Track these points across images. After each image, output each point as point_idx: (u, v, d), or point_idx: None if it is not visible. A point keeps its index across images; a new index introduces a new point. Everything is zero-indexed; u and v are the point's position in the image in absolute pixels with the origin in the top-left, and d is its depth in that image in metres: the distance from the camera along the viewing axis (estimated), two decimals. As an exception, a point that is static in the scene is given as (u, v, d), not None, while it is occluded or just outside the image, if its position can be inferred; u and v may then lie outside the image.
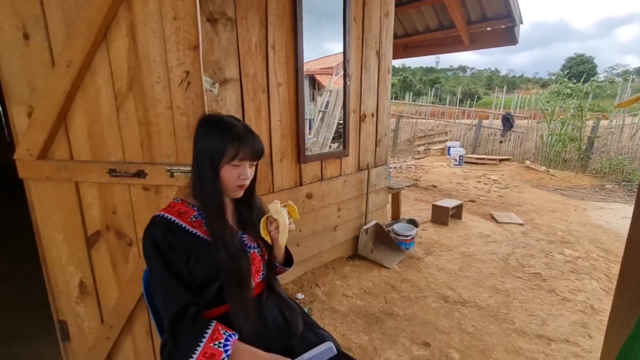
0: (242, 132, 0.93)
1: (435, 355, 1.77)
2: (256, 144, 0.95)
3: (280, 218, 0.99)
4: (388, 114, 3.10)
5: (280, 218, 0.99)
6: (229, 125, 0.93)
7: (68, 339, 1.50)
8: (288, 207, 1.04)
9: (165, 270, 0.89)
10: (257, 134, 0.98)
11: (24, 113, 1.25)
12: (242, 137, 0.92)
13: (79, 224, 1.34)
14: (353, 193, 2.80)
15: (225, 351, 0.86)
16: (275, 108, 2.12)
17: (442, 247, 3.11)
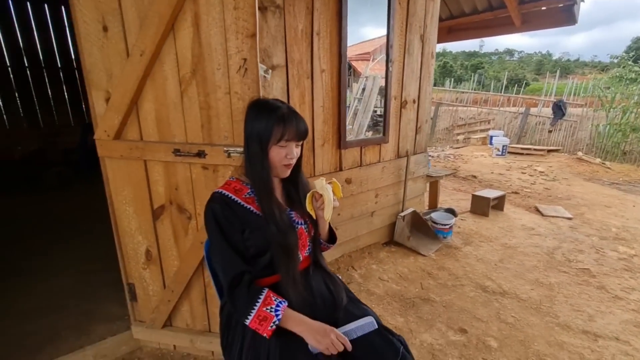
0: (287, 114, 0.99)
1: (472, 341, 1.79)
2: (300, 125, 1.01)
3: (325, 193, 1.04)
4: (430, 100, 3.03)
5: (325, 193, 1.04)
6: (274, 108, 0.99)
7: (135, 300, 1.70)
8: (332, 184, 1.08)
9: (224, 240, 0.99)
10: (301, 115, 1.03)
11: (102, 98, 1.40)
12: (287, 119, 0.98)
13: (147, 198, 1.50)
14: (391, 180, 2.80)
15: (276, 315, 0.96)
16: (318, 94, 2.17)
17: (482, 238, 3.04)
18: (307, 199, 1.07)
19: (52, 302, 2.11)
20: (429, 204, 3.68)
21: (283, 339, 0.98)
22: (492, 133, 8.46)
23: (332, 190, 1.08)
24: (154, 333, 1.70)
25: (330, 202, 1.04)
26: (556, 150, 7.75)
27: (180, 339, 1.69)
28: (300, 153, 1.08)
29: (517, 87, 16.50)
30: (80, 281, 2.34)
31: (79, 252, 2.73)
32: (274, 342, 0.97)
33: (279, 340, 0.98)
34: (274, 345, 0.97)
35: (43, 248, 2.80)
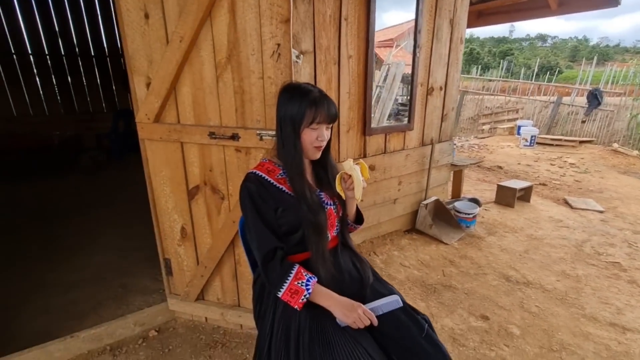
0: (319, 98, 1.02)
1: (494, 328, 1.80)
2: (331, 108, 1.04)
3: (354, 173, 1.07)
4: (457, 87, 2.97)
5: (354, 173, 1.07)
6: (306, 92, 1.02)
7: (171, 274, 1.82)
8: (360, 165, 1.12)
9: (258, 218, 1.05)
10: (332, 100, 1.06)
11: (143, 83, 1.48)
12: (318, 102, 1.01)
13: (183, 178, 1.59)
14: (415, 168, 2.80)
15: (307, 289, 1.01)
16: (344, 80, 2.18)
17: (506, 229, 2.99)
18: (337, 180, 1.11)
19: (93, 276, 2.29)
20: (452, 193, 3.64)
21: (313, 312, 1.04)
22: (520, 123, 8.14)
23: (360, 171, 1.11)
24: (188, 305, 1.82)
25: (359, 181, 1.07)
26: (589, 142, 7.38)
27: (211, 312, 1.80)
28: (329, 136, 1.12)
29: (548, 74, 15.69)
30: (117, 257, 2.51)
31: (114, 231, 2.91)
32: (304, 313, 1.03)
33: (309, 312, 1.04)
34: (304, 316, 1.03)
35: (83, 226, 3.01)
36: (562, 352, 1.64)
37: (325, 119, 1.04)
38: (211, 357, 1.65)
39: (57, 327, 1.80)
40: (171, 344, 1.73)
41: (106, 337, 1.74)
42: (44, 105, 5.80)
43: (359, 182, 1.07)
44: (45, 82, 5.72)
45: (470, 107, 10.62)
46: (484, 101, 10.56)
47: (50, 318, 1.88)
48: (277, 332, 1.04)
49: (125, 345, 1.73)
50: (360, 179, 1.08)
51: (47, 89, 5.76)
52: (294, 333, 1.01)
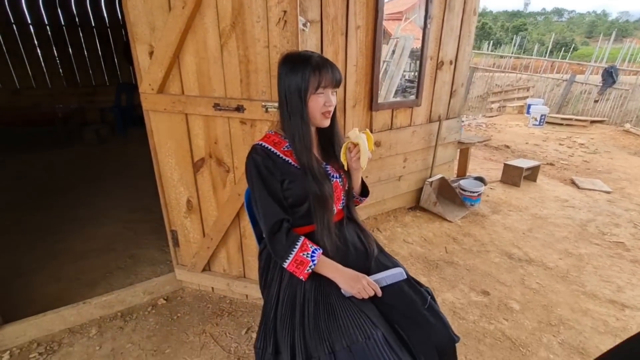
0: (321, 62, 0.99)
1: (494, 303, 1.84)
2: (335, 71, 1.01)
3: (360, 142, 1.06)
4: (468, 62, 2.87)
5: (360, 142, 1.06)
6: (307, 58, 0.99)
7: (178, 246, 1.86)
8: (365, 134, 1.09)
9: (264, 190, 1.05)
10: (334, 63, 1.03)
11: (146, 52, 1.44)
12: (321, 66, 0.98)
13: (188, 150, 1.58)
14: (421, 145, 2.76)
15: (312, 260, 1.03)
16: (352, 52, 2.11)
17: (511, 207, 2.99)
18: (342, 149, 1.09)
19: (102, 246, 2.34)
20: (458, 171, 3.61)
21: (317, 282, 1.06)
22: (530, 101, 7.94)
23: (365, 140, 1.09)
24: (195, 276, 1.87)
25: (365, 150, 1.05)
26: (601, 122, 7.21)
27: (217, 282, 1.85)
28: (336, 101, 1.09)
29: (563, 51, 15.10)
30: (124, 229, 2.55)
31: (121, 202, 2.95)
32: (309, 283, 1.05)
33: (314, 283, 1.06)
34: (309, 286, 1.05)
35: (90, 199, 3.05)
36: (560, 327, 1.68)
37: (331, 82, 1.01)
38: (218, 324, 1.71)
39: (69, 294, 1.86)
40: (179, 312, 1.79)
41: (117, 304, 1.80)
42: (47, 78, 5.73)
43: (365, 151, 1.06)
44: (46, 54, 5.62)
45: (480, 84, 10.34)
46: (494, 78, 10.25)
47: (62, 286, 1.94)
48: (283, 301, 1.07)
49: (136, 312, 1.79)
50: (366, 148, 1.06)
51: (49, 61, 5.67)
52: (300, 301, 1.04)
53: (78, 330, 1.67)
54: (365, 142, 1.06)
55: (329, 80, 1.00)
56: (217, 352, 1.55)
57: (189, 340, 1.62)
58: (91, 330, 1.67)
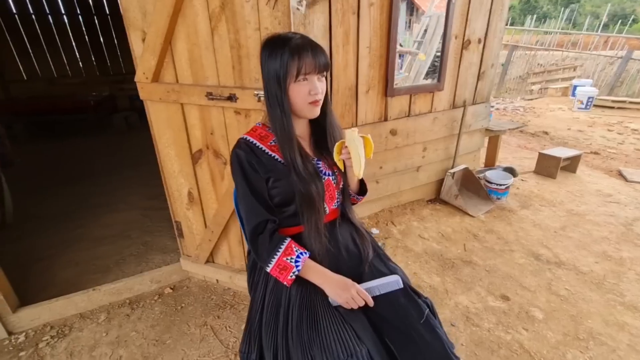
0: (301, 44, 0.87)
1: (513, 309, 1.67)
2: (318, 54, 0.89)
3: (353, 147, 0.92)
4: (500, 40, 2.58)
5: (353, 147, 0.92)
6: (285, 40, 0.87)
7: (182, 237, 1.85)
8: (364, 140, 0.96)
9: (247, 187, 0.96)
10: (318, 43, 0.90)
11: (139, 38, 1.39)
12: (301, 49, 0.86)
13: (185, 141, 1.54)
14: (443, 132, 2.55)
15: (296, 266, 0.94)
16: (364, 32, 1.94)
17: (543, 202, 2.72)
18: (335, 149, 0.98)
19: (118, 232, 2.41)
20: (486, 161, 3.34)
21: (304, 288, 0.98)
22: (576, 82, 7.19)
23: (363, 146, 0.95)
24: (199, 267, 1.86)
25: (358, 157, 0.92)
26: (660, 105, 6.40)
27: (221, 275, 1.83)
28: (325, 88, 0.96)
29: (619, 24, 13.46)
30: (141, 216, 2.61)
31: (141, 190, 3.02)
32: (294, 289, 0.98)
33: (299, 289, 0.98)
34: (294, 292, 0.97)
35: (112, 185, 3.16)
36: (590, 342, 1.49)
37: (314, 67, 0.88)
38: (219, 317, 1.70)
39: (84, 279, 1.93)
40: (184, 302, 1.80)
41: (125, 291, 1.84)
42: (81, 67, 5.98)
43: (358, 158, 0.92)
44: (79, 43, 5.83)
45: (520, 64, 9.52)
46: (537, 57, 9.39)
47: (78, 270, 2.02)
48: (268, 305, 1.00)
49: (143, 300, 1.82)
50: (360, 155, 0.92)
51: (82, 50, 5.89)
52: (284, 309, 0.97)
53: (88, 316, 1.73)
54: (360, 147, 0.92)
55: (311, 65, 0.88)
56: (216, 346, 1.54)
57: (190, 332, 1.62)
58: (100, 317, 1.72)
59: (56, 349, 1.54)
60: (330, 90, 1.99)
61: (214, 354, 1.50)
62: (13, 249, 2.21)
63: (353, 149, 0.92)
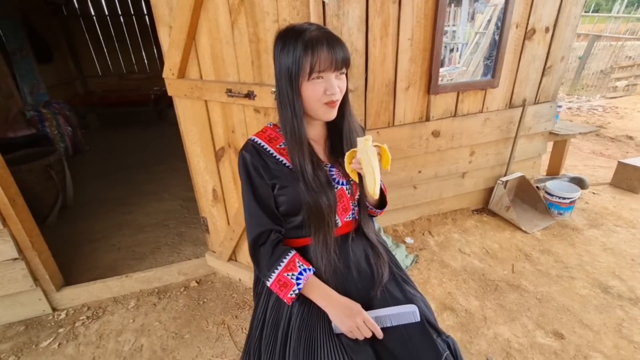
0: (316, 37, 0.76)
1: (568, 351, 1.40)
2: (336, 48, 0.77)
3: (365, 159, 0.78)
4: (573, 28, 2.19)
5: (365, 159, 0.78)
6: (299, 32, 0.77)
7: (208, 232, 1.86)
8: (381, 149, 0.82)
9: (251, 193, 0.89)
10: (337, 36, 0.78)
11: (167, 34, 1.38)
12: (315, 43, 0.75)
13: (209, 139, 1.52)
14: (495, 135, 2.25)
15: (297, 283, 0.86)
16: (406, 23, 1.75)
17: (619, 221, 2.29)
18: (346, 159, 0.85)
19: (159, 220, 2.53)
20: (549, 169, 2.92)
21: (306, 308, 0.89)
22: (676, 78, 6.03)
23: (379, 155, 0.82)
24: (222, 264, 1.86)
25: (372, 171, 0.78)
26: None
27: (242, 274, 1.81)
28: (345, 87, 0.85)
29: None
30: (180, 206, 2.72)
31: (184, 180, 3.14)
32: (296, 308, 0.89)
33: (301, 308, 0.89)
34: (295, 312, 0.89)
35: (160, 175, 3.35)
36: (671, 407, 1.19)
37: (330, 63, 0.77)
38: (237, 317, 1.68)
39: (122, 264, 2.05)
40: (207, 297, 1.81)
41: (155, 280, 1.92)
42: (145, 63, 6.49)
43: (372, 172, 0.78)
44: (145, 41, 6.32)
45: (602, 57, 8.25)
46: (625, 49, 8.07)
47: (119, 255, 2.15)
48: (268, 323, 0.93)
49: (170, 291, 1.87)
50: (374, 168, 0.78)
51: (147, 48, 6.38)
52: (283, 328, 0.89)
53: (120, 301, 1.82)
54: (373, 159, 0.78)
55: (327, 60, 0.77)
56: (229, 348, 1.52)
57: (208, 329, 1.62)
58: (130, 302, 1.81)
59: (89, 330, 1.65)
60: (365, 86, 1.86)
61: (227, 355, 1.48)
62: (71, 230, 2.43)
63: (365, 161, 0.79)
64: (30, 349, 1.55)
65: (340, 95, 0.84)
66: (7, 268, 1.56)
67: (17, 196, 1.50)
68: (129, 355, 1.51)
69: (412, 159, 2.09)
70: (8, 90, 3.69)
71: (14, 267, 1.56)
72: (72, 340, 1.59)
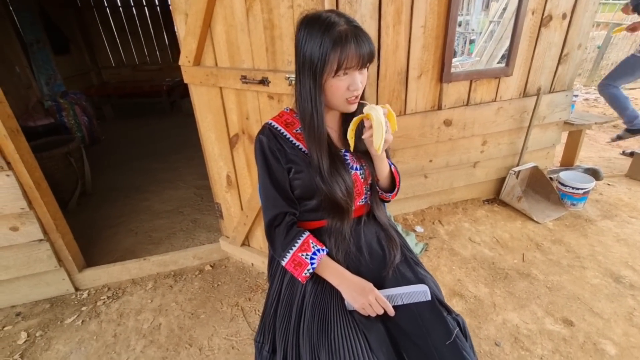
0: (345, 32, 0.75)
1: (577, 338, 1.41)
2: (363, 46, 0.77)
3: (374, 114, 0.80)
4: (591, 15, 2.13)
5: (374, 114, 0.80)
6: (328, 25, 0.75)
7: (222, 218, 1.92)
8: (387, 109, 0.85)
9: (268, 177, 0.92)
10: (365, 30, 0.78)
11: (183, 22, 1.41)
12: (345, 40, 0.74)
13: (224, 125, 1.56)
14: (508, 125, 2.23)
15: (311, 263, 0.89)
16: (420, 9, 1.74)
17: (635, 212, 2.25)
18: (352, 124, 0.86)
19: (174, 207, 2.60)
20: (562, 159, 2.88)
21: (319, 287, 0.92)
22: (701, 68, 5.78)
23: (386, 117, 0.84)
24: (235, 249, 1.92)
25: (380, 124, 0.80)
26: None
27: (255, 259, 1.86)
28: (365, 81, 0.85)
29: None
30: (194, 194, 2.79)
31: (198, 169, 3.21)
32: (310, 287, 0.93)
33: (314, 286, 0.92)
34: (309, 290, 0.93)
35: (175, 164, 3.42)
36: (680, 393, 1.20)
37: (357, 61, 0.77)
38: (250, 299, 1.73)
39: (140, 248, 2.13)
40: (220, 280, 1.88)
41: (171, 263, 1.99)
42: (157, 55, 6.55)
43: (380, 126, 0.80)
44: (157, 32, 6.37)
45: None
46: (647, 37, 7.76)
47: (136, 240, 2.23)
48: (283, 300, 0.97)
49: (185, 274, 1.94)
50: (382, 123, 0.80)
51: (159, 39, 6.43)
52: (297, 306, 0.93)
53: (139, 282, 1.90)
54: (380, 115, 0.81)
55: (354, 58, 0.77)
56: (243, 328, 1.57)
57: (222, 310, 1.68)
58: (148, 284, 1.88)
59: (110, 308, 1.73)
60: (377, 75, 1.86)
61: (241, 335, 1.54)
62: (90, 216, 2.52)
63: (375, 116, 0.80)
64: (56, 325, 1.64)
65: (361, 91, 0.85)
66: (33, 249, 1.64)
67: (42, 180, 1.57)
68: (148, 332, 1.58)
69: (423, 147, 2.09)
70: (27, 80, 3.80)
71: (39, 247, 1.64)
72: (94, 317, 1.67)
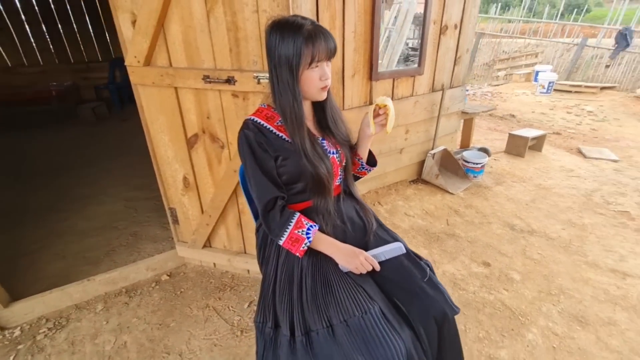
0: (314, 31, 0.90)
1: (494, 274, 1.84)
2: (330, 41, 0.93)
3: (389, 104, 1.05)
4: (474, 26, 2.71)
5: (389, 104, 1.05)
6: (298, 26, 0.89)
7: (177, 223, 1.85)
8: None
9: (257, 167, 1.00)
10: (328, 30, 0.94)
11: (128, 21, 1.36)
12: (315, 37, 0.89)
13: (180, 126, 1.53)
14: (423, 115, 2.67)
15: (307, 237, 1.00)
16: (350, 17, 1.99)
17: (515, 178, 2.94)
18: (370, 112, 1.09)
19: (105, 224, 2.35)
20: (462, 142, 3.54)
21: (315, 258, 1.04)
22: (538, 68, 7.64)
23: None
24: (196, 252, 1.88)
25: (393, 113, 1.06)
26: (611, 88, 6.96)
27: (219, 258, 1.86)
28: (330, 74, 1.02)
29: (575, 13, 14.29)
30: (125, 207, 2.56)
31: (121, 181, 2.94)
32: (306, 260, 1.04)
33: (310, 259, 1.04)
34: (306, 263, 1.04)
35: (90, 177, 3.04)
36: (560, 296, 1.68)
37: (326, 54, 0.92)
38: (221, 298, 1.74)
39: (74, 271, 1.89)
40: (183, 287, 1.82)
41: (121, 280, 1.83)
42: (38, 55, 5.57)
43: (394, 115, 1.07)
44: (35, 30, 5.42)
45: (486, 51, 9.92)
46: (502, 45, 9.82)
47: (66, 263, 1.97)
48: (281, 277, 1.06)
49: (140, 288, 1.82)
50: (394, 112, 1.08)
51: (39, 38, 5.48)
52: (297, 277, 1.03)
53: (84, 306, 1.71)
54: (392, 106, 1.07)
55: (324, 51, 0.91)
56: (221, 325, 1.58)
57: (193, 314, 1.65)
58: (97, 306, 1.71)
59: (56, 340, 1.53)
60: (318, 74, 2.05)
61: (220, 332, 1.55)
62: (-3, 244, 2.11)
63: (390, 106, 1.06)
64: (-12, 373, 1.38)
65: (330, 81, 1.01)
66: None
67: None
68: (114, 353, 1.47)
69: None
70: None
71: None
72: (38, 353, 1.46)
